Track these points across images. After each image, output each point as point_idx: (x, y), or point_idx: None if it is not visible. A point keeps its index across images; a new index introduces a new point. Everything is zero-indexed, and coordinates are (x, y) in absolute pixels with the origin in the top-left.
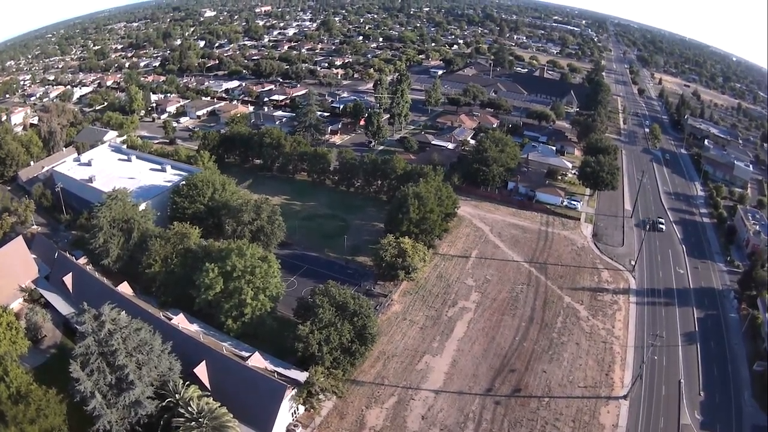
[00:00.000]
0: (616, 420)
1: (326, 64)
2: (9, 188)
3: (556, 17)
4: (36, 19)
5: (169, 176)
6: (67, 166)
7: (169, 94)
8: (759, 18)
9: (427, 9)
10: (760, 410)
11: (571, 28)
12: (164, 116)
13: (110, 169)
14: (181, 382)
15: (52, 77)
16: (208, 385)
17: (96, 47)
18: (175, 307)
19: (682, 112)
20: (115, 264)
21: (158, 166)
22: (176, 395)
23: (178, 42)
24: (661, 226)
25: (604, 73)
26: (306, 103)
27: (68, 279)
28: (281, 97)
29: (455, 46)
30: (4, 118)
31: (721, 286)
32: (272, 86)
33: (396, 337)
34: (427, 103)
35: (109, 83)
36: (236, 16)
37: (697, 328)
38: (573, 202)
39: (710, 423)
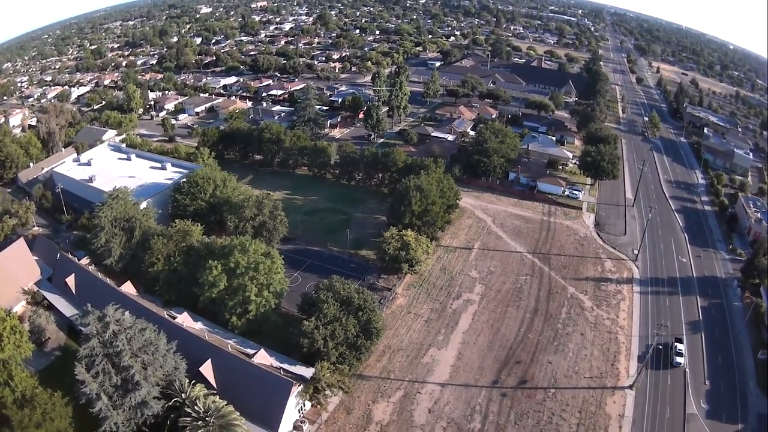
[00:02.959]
0: (623, 410)
1: (324, 58)
2: (9, 190)
3: (552, 7)
4: (32, 21)
5: (169, 174)
6: (67, 166)
7: (167, 92)
8: (756, 6)
9: (423, 1)
10: (764, 398)
11: (568, 18)
12: (163, 114)
13: (110, 169)
14: (187, 381)
15: (49, 78)
16: (214, 384)
17: (92, 47)
18: (178, 306)
19: (681, 100)
20: (117, 264)
21: (158, 164)
22: (182, 394)
23: (175, 39)
24: (678, 360)
25: (601, 63)
26: (305, 98)
27: (71, 280)
28: (279, 92)
29: (452, 38)
30: (2, 120)
31: (724, 274)
32: (270, 81)
33: (401, 330)
34: (425, 95)
35: (106, 82)
36: (232, 12)
37: (701, 317)
38: (574, 192)
39: (716, 412)
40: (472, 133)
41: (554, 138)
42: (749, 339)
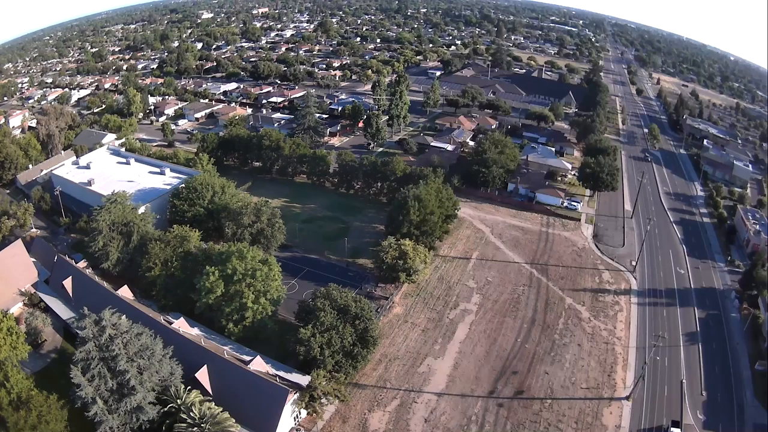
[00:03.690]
0: (619, 421)
1: (324, 66)
2: (8, 192)
3: (553, 18)
4: (33, 22)
5: (168, 179)
6: (66, 169)
7: (167, 97)
8: (757, 17)
9: (425, 10)
10: (761, 409)
11: (569, 28)
12: (162, 119)
13: (109, 172)
14: (183, 387)
15: (49, 80)
16: (209, 390)
17: (93, 50)
18: (175, 311)
19: (681, 112)
20: (114, 267)
21: (157, 169)
22: (178, 400)
23: (176, 44)
24: None
25: (602, 74)
26: (304, 105)
27: (68, 283)
28: (279, 99)
29: (453, 47)
30: (2, 121)
31: (722, 285)
32: (270, 88)
33: (398, 339)
34: (425, 105)
35: (106, 86)
36: (233, 18)
37: (698, 328)
38: (573, 203)
39: (712, 422)
40: (471, 143)
41: (554, 149)
42: (747, 350)
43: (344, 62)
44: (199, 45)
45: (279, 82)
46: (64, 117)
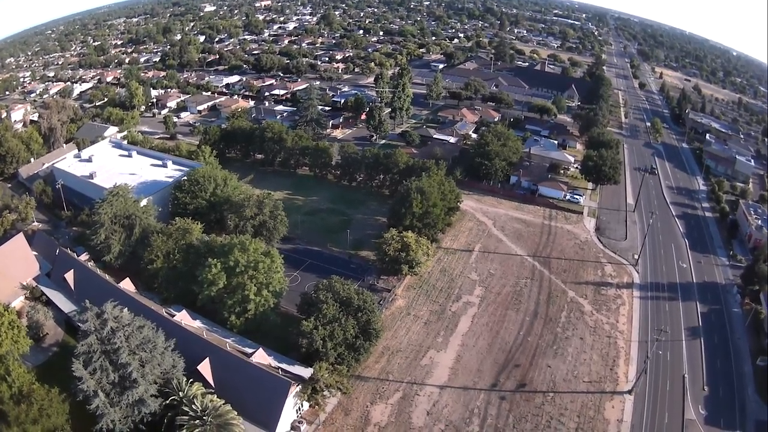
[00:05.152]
0: (621, 415)
1: (327, 59)
2: (9, 185)
3: (556, 11)
4: (35, 16)
5: (170, 171)
6: (68, 162)
7: (169, 90)
8: (759, 13)
9: (428, 3)
10: (763, 405)
11: (572, 21)
12: (165, 111)
13: (111, 165)
14: (185, 379)
15: (51, 74)
16: (212, 383)
17: (96, 43)
18: (177, 304)
19: (683, 106)
20: (116, 260)
21: (159, 162)
22: (180, 393)
23: (178, 37)
24: None
25: (604, 67)
26: (307, 98)
27: (70, 276)
28: (282, 92)
29: (456, 40)
30: (4, 115)
31: (724, 280)
32: (273, 81)
33: (400, 332)
34: (428, 97)
35: (109, 79)
36: (236, 11)
37: (700, 323)
38: (575, 196)
39: (714, 418)
40: (474, 135)
41: (556, 142)
42: (748, 345)
43: (347, 55)
44: (202, 38)
45: (282, 74)
46: (66, 110)
